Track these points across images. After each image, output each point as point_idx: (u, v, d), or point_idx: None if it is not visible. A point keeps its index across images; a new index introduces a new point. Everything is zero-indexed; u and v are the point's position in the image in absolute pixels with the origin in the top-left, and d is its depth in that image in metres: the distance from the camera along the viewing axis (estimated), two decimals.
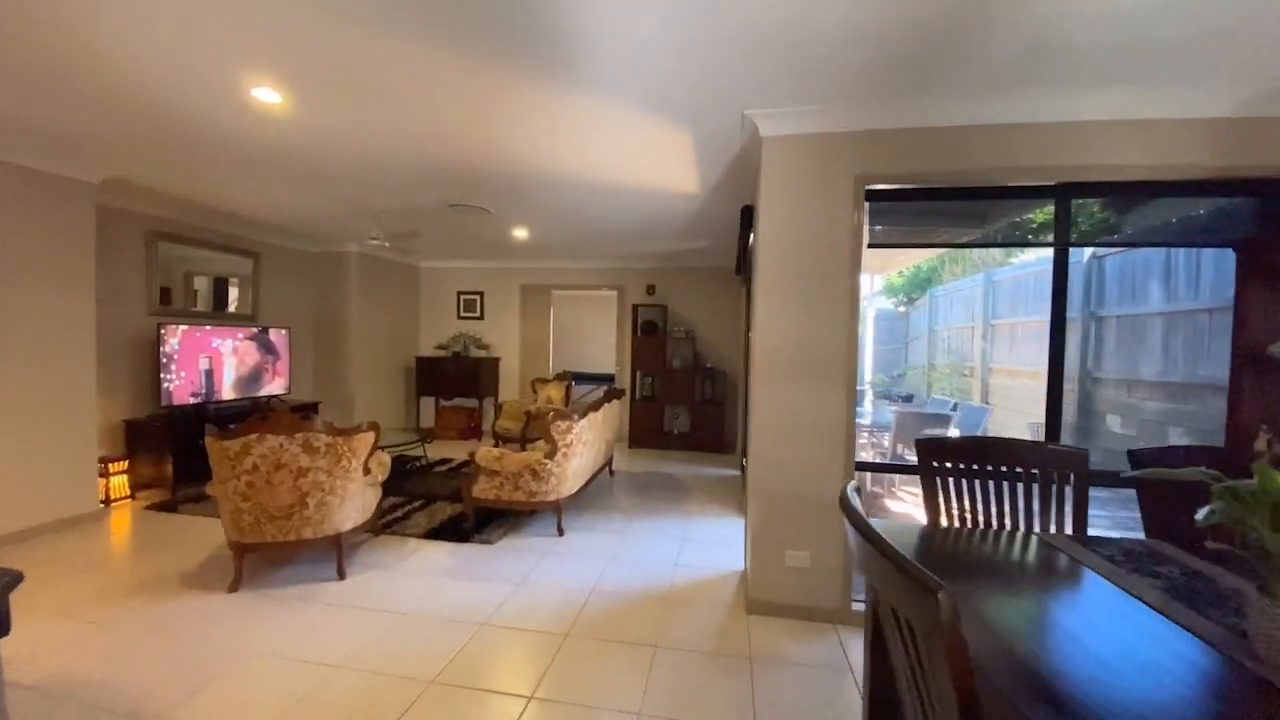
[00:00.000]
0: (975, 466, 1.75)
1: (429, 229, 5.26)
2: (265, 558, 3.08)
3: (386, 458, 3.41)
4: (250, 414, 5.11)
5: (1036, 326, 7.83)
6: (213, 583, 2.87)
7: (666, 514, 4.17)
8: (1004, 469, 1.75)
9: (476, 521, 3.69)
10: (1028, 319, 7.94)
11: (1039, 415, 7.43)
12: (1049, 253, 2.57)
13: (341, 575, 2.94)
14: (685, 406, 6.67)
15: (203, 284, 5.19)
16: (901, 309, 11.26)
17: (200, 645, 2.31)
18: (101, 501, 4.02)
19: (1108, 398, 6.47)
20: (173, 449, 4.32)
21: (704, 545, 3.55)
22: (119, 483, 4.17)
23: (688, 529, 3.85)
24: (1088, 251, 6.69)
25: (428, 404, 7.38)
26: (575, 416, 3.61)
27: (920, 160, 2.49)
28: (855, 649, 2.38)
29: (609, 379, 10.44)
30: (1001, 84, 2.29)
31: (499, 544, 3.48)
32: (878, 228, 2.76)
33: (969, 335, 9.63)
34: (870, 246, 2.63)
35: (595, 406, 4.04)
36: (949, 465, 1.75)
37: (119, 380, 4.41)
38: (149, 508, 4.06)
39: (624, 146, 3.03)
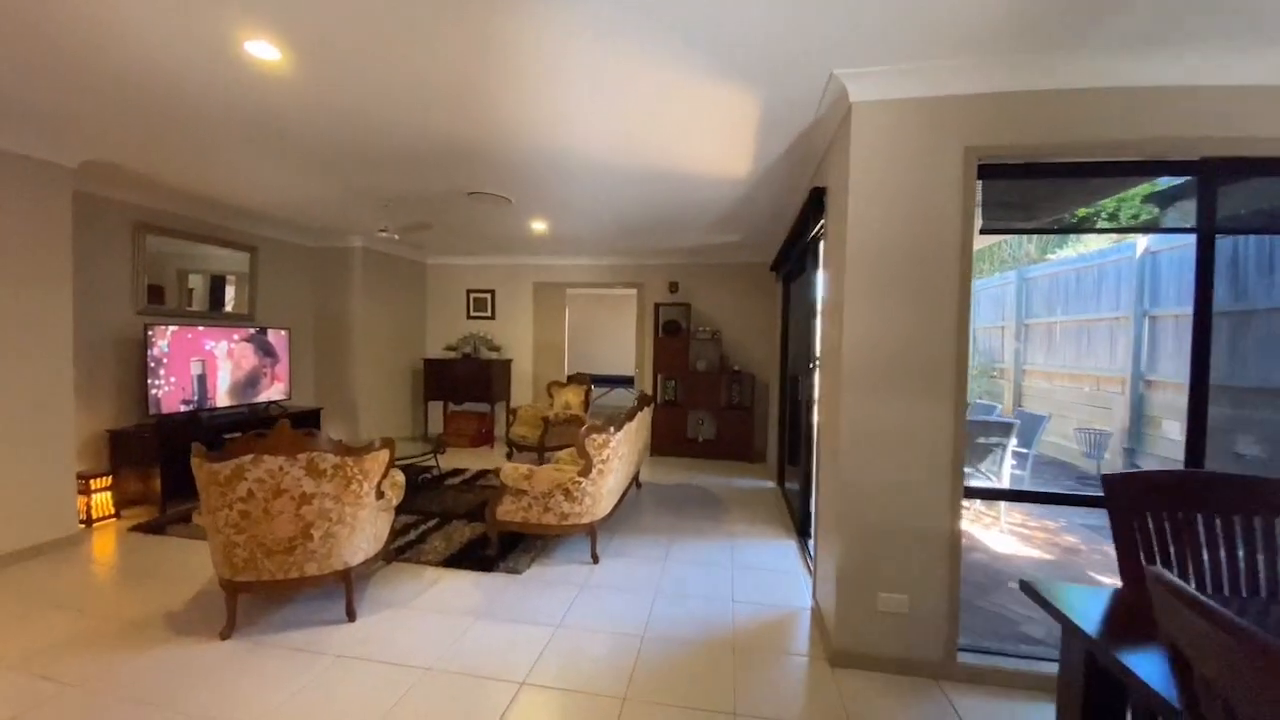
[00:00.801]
0: (1187, 509, 1.35)
1: (442, 221, 4.85)
2: (263, 594, 2.67)
3: (400, 477, 3.00)
4: (248, 422, 4.72)
5: (1075, 326, 7.45)
6: (202, 626, 2.46)
7: (708, 535, 3.77)
8: (1222, 512, 1.35)
9: (500, 546, 3.28)
10: (1067, 318, 7.55)
11: (1082, 420, 7.00)
12: (1095, 248, 2.15)
13: (351, 616, 2.54)
14: (710, 412, 6.27)
15: (198, 282, 4.79)
16: None
17: (186, 716, 1.90)
18: (82, 521, 3.62)
19: (1164, 402, 6.08)
20: (162, 462, 3.91)
21: (758, 574, 3.14)
22: (102, 501, 3.76)
23: (735, 553, 3.44)
24: (1141, 246, 6.29)
25: (435, 408, 6.98)
26: (611, 429, 3.20)
27: (1045, 129, 2.08)
28: (971, 714, 1.98)
29: (626, 381, 10.04)
30: (1149, 38, 1.89)
31: (527, 574, 3.07)
32: None
33: (999, 335, 9.23)
34: (983, 232, 2.23)
35: (630, 415, 3.64)
36: (1156, 509, 1.35)
37: (103, 386, 4.01)
38: (135, 529, 3.65)
39: (672, 118, 2.62)
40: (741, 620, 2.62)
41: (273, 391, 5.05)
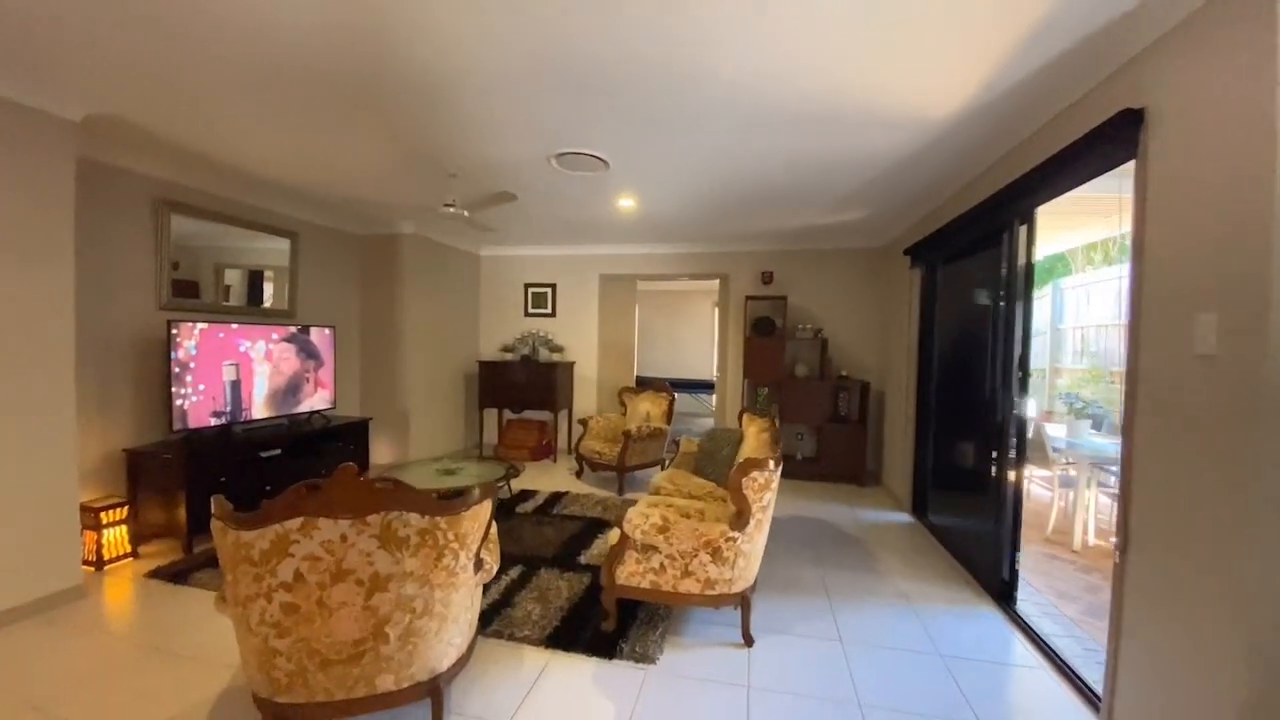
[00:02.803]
0: None
1: (520, 195, 4.05)
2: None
3: (494, 529, 2.20)
4: (288, 437, 3.98)
5: None
6: None
7: (875, 596, 2.88)
8: None
9: (618, 618, 2.45)
10: None
11: None
12: None
13: None
14: (810, 426, 5.36)
15: (235, 278, 4.10)
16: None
17: None
18: (90, 564, 2.93)
19: None
20: (188, 488, 3.20)
21: (981, 670, 2.25)
22: (115, 537, 3.06)
23: (929, 629, 2.55)
24: None
25: (490, 416, 6.24)
26: (771, 463, 2.34)
27: None
28: None
29: (696, 386, 9.11)
30: None
31: (662, 663, 2.24)
32: None
33: (1115, 334, 8.13)
34: None
35: (775, 440, 2.78)
36: None
37: (119, 396, 3.32)
38: (153, 574, 2.94)
39: (889, 23, 1.76)
40: None
41: (316, 400, 4.34)
